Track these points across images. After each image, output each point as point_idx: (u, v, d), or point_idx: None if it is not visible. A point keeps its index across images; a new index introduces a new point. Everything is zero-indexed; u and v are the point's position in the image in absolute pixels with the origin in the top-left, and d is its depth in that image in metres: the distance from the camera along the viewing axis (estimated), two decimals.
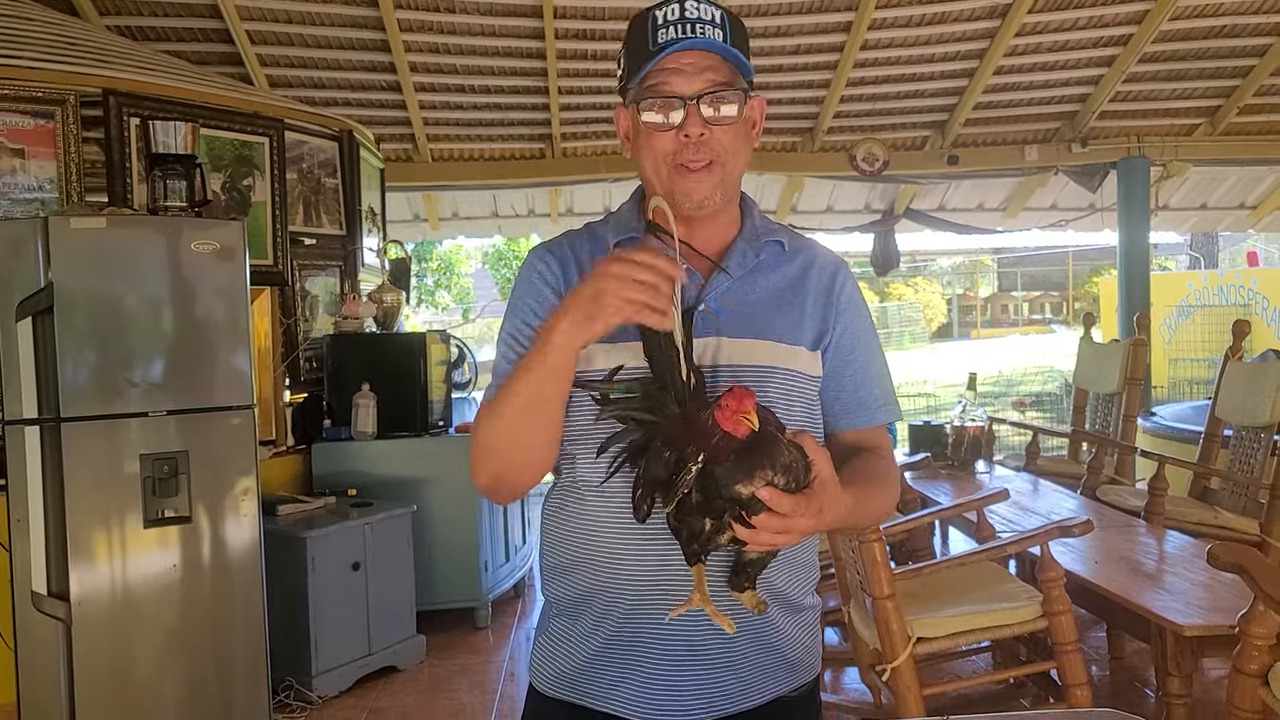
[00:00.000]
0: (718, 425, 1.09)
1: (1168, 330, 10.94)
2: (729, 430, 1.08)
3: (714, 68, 1.28)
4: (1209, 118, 7.23)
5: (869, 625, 2.91)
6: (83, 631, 3.16)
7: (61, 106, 3.98)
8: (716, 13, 1.30)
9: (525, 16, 6.15)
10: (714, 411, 1.09)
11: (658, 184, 1.32)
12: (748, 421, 1.08)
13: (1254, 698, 2.29)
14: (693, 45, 1.27)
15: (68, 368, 3.15)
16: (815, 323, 1.37)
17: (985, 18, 6.37)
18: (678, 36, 1.27)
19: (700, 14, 1.28)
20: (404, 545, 4.28)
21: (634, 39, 1.31)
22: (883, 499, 1.38)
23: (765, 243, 1.39)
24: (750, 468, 1.09)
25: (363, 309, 4.87)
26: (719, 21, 1.29)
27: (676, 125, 1.28)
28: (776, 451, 1.10)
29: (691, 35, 1.27)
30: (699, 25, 1.28)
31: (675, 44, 1.26)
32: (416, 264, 17.90)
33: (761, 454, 1.09)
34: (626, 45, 1.33)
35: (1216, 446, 4.45)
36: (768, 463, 1.09)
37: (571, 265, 1.37)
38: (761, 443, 1.09)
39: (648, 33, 1.29)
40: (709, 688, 1.30)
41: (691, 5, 1.29)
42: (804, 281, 1.38)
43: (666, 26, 1.28)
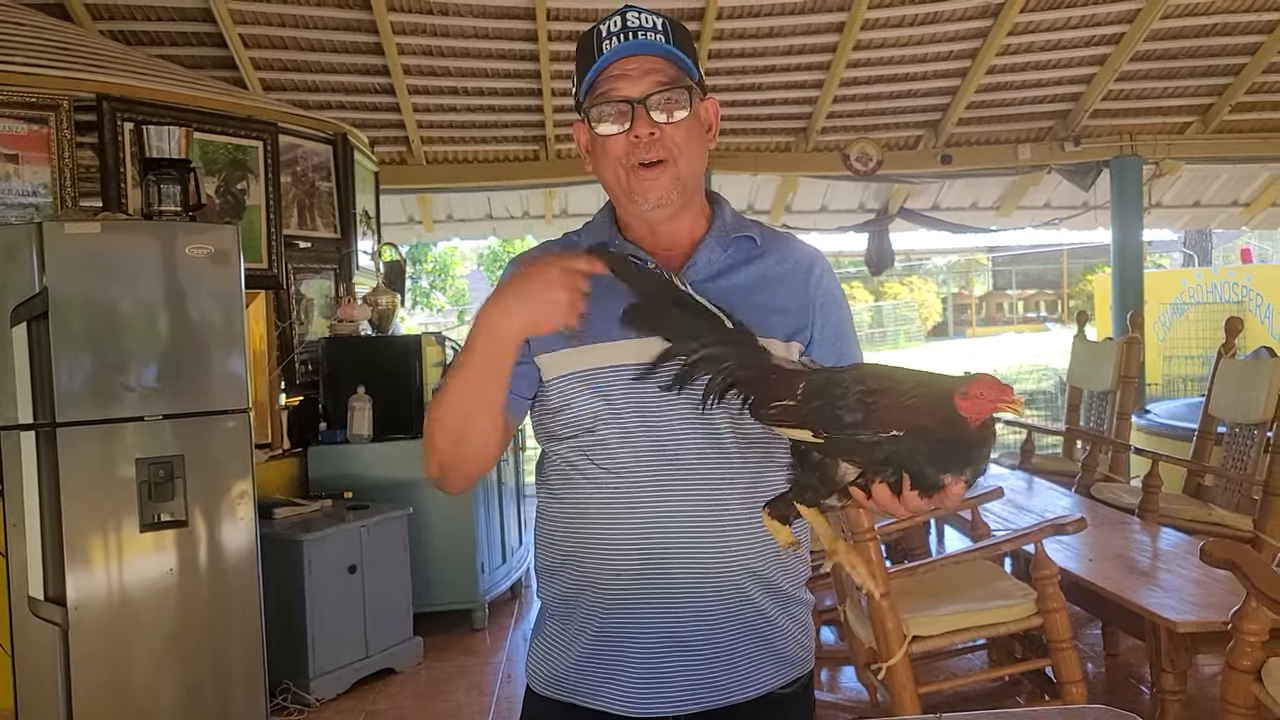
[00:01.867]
0: (955, 406, 1.03)
1: (1162, 328, 10.97)
2: (967, 415, 1.03)
3: (658, 70, 1.31)
4: (1201, 116, 7.26)
5: (864, 624, 2.92)
6: (80, 636, 3.16)
7: (55, 112, 3.98)
8: (658, 20, 1.33)
9: (518, 19, 6.16)
10: (961, 392, 1.04)
11: (618, 190, 1.35)
12: (993, 415, 1.04)
13: (1247, 693, 2.31)
14: (634, 50, 1.30)
15: (63, 373, 3.15)
16: (791, 315, 1.37)
17: (977, 17, 6.40)
18: (621, 45, 1.30)
19: (641, 22, 1.32)
20: (400, 547, 4.28)
21: (582, 54, 1.35)
22: None
23: (735, 239, 1.40)
24: (964, 462, 1.05)
25: (358, 312, 4.88)
26: (660, 28, 1.32)
27: (626, 128, 1.31)
28: (987, 450, 1.07)
29: (633, 40, 1.30)
30: (640, 32, 1.31)
31: (617, 51, 1.30)
32: (411, 266, 17.91)
33: (975, 448, 1.05)
34: (577, 62, 1.37)
35: (1210, 443, 4.46)
36: (978, 457, 1.06)
37: None
38: (983, 436, 1.05)
39: (593, 46, 1.32)
40: (699, 680, 1.31)
41: (632, 16, 1.32)
42: (778, 275, 1.39)
43: (609, 37, 1.31)
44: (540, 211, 8.33)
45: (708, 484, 1.29)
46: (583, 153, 1.40)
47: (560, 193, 8.03)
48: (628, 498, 1.29)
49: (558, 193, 8.03)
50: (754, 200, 8.25)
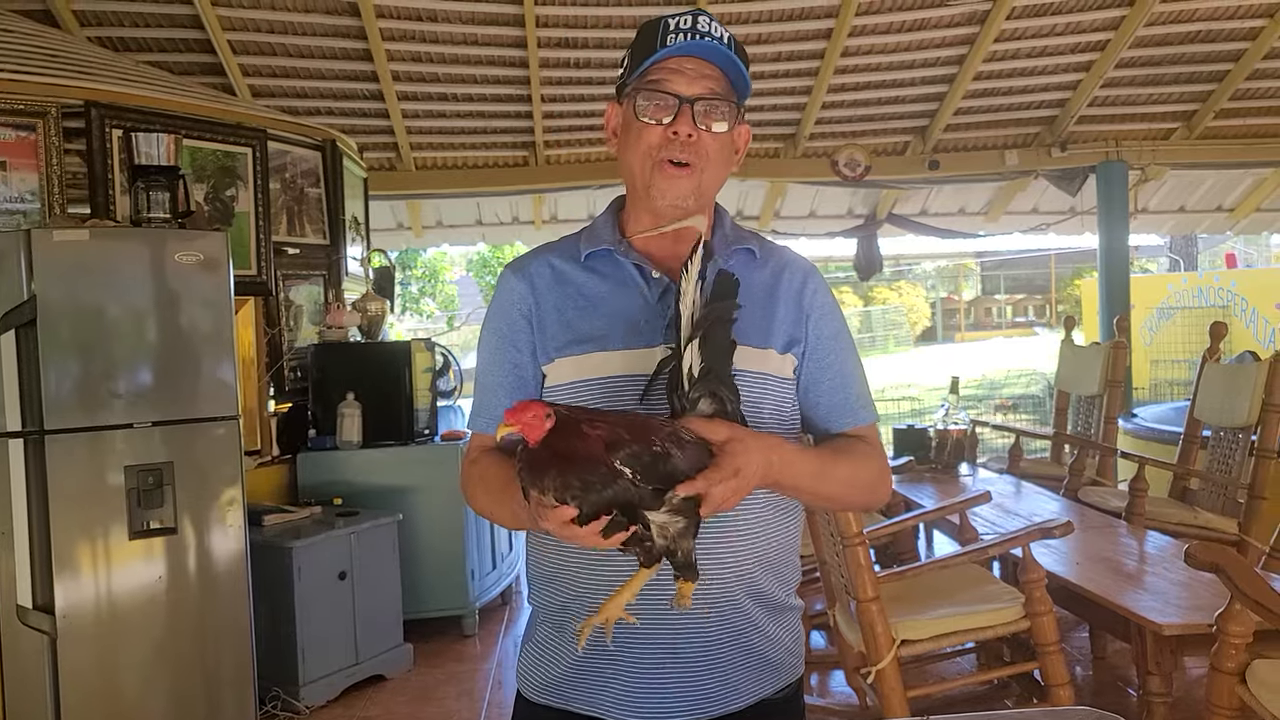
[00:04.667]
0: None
1: (1148, 332, 11.03)
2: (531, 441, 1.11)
3: (714, 78, 1.33)
4: (1186, 122, 7.31)
5: (854, 628, 2.93)
6: (68, 644, 3.15)
7: (43, 118, 3.97)
8: (725, 34, 1.34)
9: (507, 25, 6.17)
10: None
11: (638, 179, 1.36)
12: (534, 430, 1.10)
13: (1232, 695, 2.33)
14: (700, 50, 1.31)
15: (51, 380, 3.14)
16: (786, 327, 1.39)
17: (964, 24, 6.43)
18: (687, 43, 1.31)
19: (711, 30, 1.33)
20: (390, 554, 4.28)
21: (642, 39, 1.35)
22: (860, 469, 1.41)
23: (736, 250, 1.42)
24: (566, 485, 1.09)
25: (347, 318, 4.87)
26: (727, 41, 1.34)
27: (668, 122, 1.32)
28: (575, 455, 1.10)
29: (699, 41, 1.31)
30: (708, 37, 1.32)
31: (684, 46, 1.31)
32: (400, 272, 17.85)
33: (568, 467, 1.10)
34: (634, 45, 1.37)
35: (1196, 447, 4.50)
36: (579, 471, 1.09)
37: (542, 283, 1.41)
38: (567, 451, 1.10)
39: (657, 34, 1.33)
40: (692, 690, 1.32)
41: (704, 20, 1.33)
42: (775, 287, 1.41)
43: (677, 32, 1.32)
44: (529, 217, 8.33)
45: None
46: (609, 133, 1.42)
47: (549, 198, 8.03)
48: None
49: (547, 198, 8.04)
50: (743, 206, 8.27)
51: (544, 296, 1.39)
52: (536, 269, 1.42)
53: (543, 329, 1.37)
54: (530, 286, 1.40)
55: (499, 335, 1.41)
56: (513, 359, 1.39)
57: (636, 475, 1.09)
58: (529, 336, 1.38)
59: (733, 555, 1.32)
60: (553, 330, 1.36)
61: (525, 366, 1.39)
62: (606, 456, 1.08)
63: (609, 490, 1.09)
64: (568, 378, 1.34)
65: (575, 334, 1.36)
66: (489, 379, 1.41)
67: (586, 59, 6.46)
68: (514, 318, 1.39)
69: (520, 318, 1.39)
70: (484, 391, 1.42)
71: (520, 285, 1.41)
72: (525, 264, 1.44)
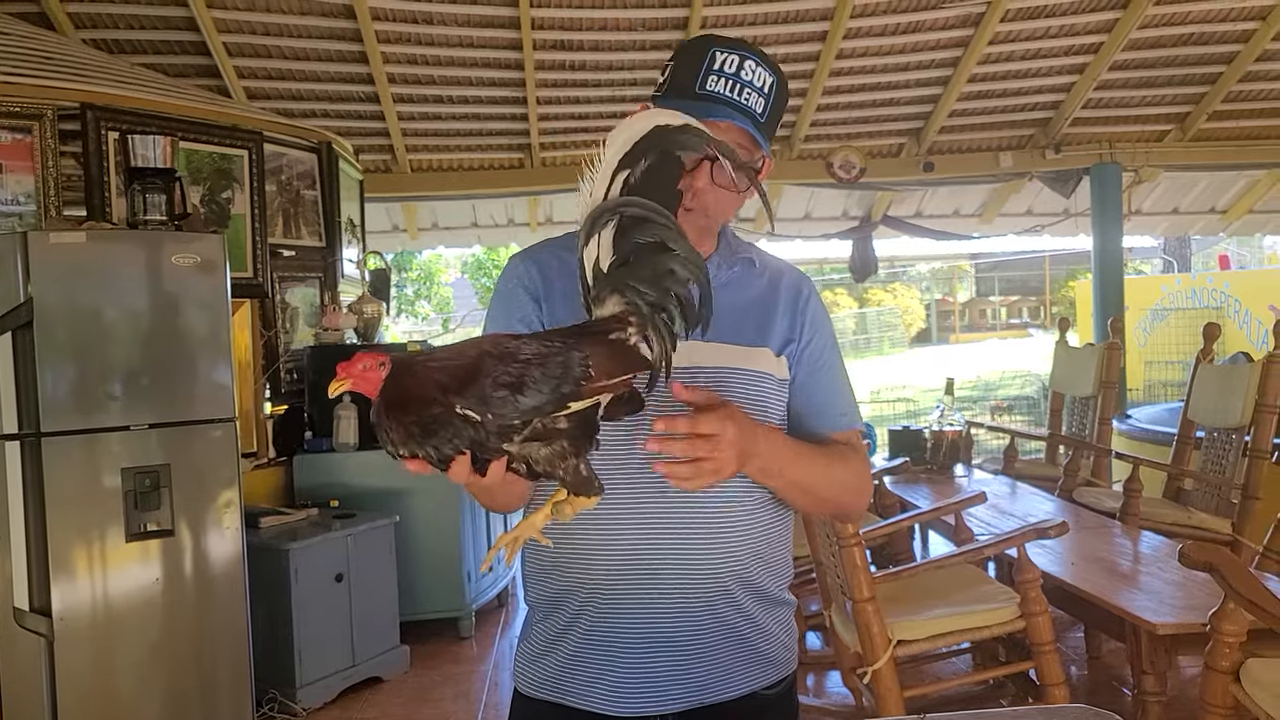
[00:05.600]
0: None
1: (1142, 333, 11.06)
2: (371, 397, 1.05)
3: (742, 139, 1.32)
4: (1179, 124, 7.34)
5: (850, 628, 2.94)
6: (65, 647, 3.15)
7: (39, 121, 3.97)
8: (770, 80, 1.34)
9: (503, 28, 6.18)
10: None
11: None
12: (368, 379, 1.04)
13: (1226, 694, 2.34)
14: (729, 119, 1.30)
15: (48, 382, 3.14)
16: (783, 330, 1.42)
17: (959, 27, 6.45)
18: (723, 94, 1.30)
19: (754, 79, 1.32)
20: (387, 556, 4.28)
21: (686, 64, 1.34)
22: (843, 471, 1.41)
23: (739, 258, 1.45)
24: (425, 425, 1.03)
25: (343, 320, 4.87)
26: (767, 91, 1.34)
27: (686, 170, 1.31)
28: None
29: (735, 99, 1.30)
30: (747, 90, 1.32)
31: (720, 97, 1.30)
32: (396, 274, 17.88)
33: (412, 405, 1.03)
34: (678, 61, 1.36)
35: (1189, 448, 4.51)
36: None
37: (551, 271, 1.41)
38: (402, 398, 1.03)
39: (700, 70, 1.32)
40: (685, 680, 1.34)
41: (750, 66, 1.32)
42: (773, 295, 1.44)
43: (719, 76, 1.31)
44: (525, 219, 8.34)
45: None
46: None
47: (545, 200, 8.04)
48: (617, 501, 1.31)
49: (542, 200, 8.05)
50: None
51: (553, 283, 1.39)
52: (545, 257, 1.43)
53: (551, 314, 1.38)
54: (539, 270, 1.41)
55: (509, 317, 1.39)
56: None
57: (479, 415, 1.01)
58: (538, 315, 1.38)
59: (726, 545, 1.34)
60: (560, 316, 1.37)
61: None
62: (444, 398, 1.01)
63: (449, 431, 1.01)
64: None
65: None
66: None
67: (582, 61, 6.47)
68: (522, 299, 1.39)
69: (529, 299, 1.39)
70: None
71: (530, 268, 1.41)
72: (534, 252, 1.45)
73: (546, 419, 1.05)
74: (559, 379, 1.05)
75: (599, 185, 1.12)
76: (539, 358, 1.05)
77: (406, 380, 1.03)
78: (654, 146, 1.12)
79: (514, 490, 1.29)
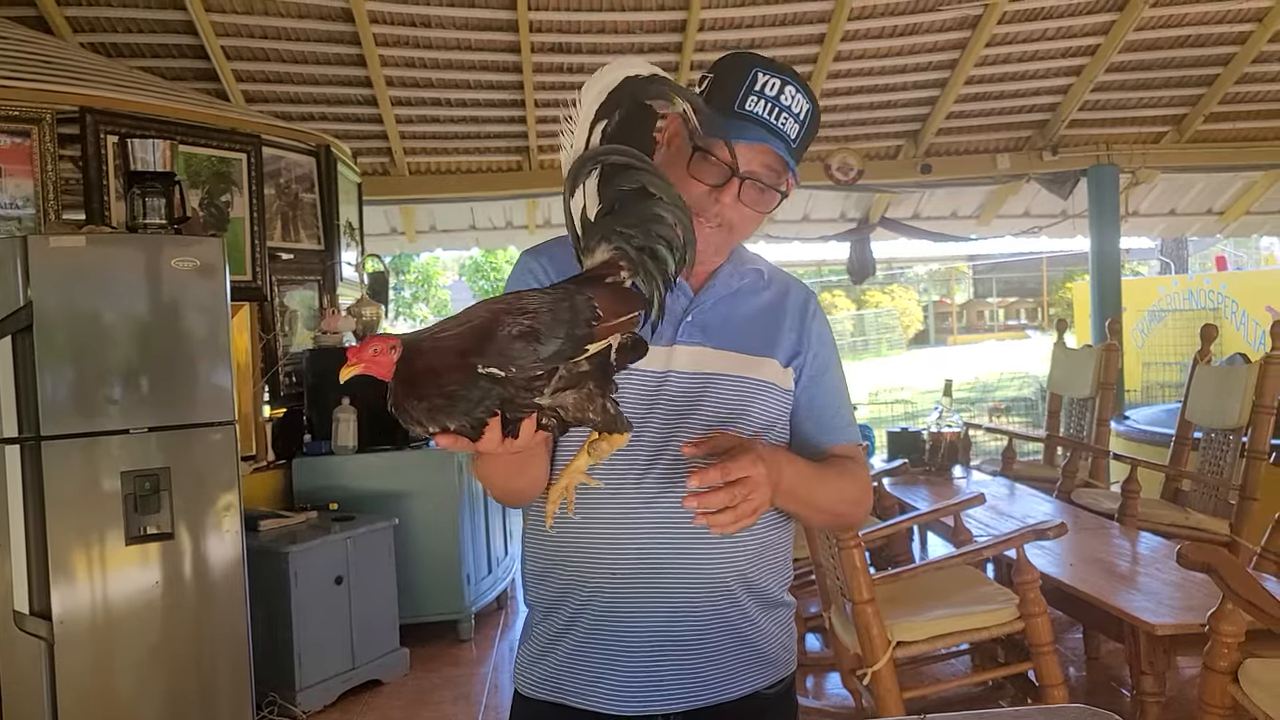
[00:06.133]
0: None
1: (1140, 334, 11.08)
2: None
3: (774, 159, 1.34)
4: (1176, 125, 7.36)
5: (849, 630, 2.94)
6: (65, 650, 3.15)
7: (38, 124, 3.97)
8: (806, 107, 1.35)
9: (501, 31, 6.18)
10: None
11: None
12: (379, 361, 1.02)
13: (1224, 694, 2.35)
14: (765, 142, 1.32)
15: (47, 386, 3.14)
16: (790, 342, 1.44)
17: (956, 29, 6.47)
18: (761, 116, 1.32)
19: (792, 104, 1.34)
20: (386, 559, 4.28)
21: (728, 80, 1.35)
22: (847, 485, 1.42)
23: (748, 269, 1.47)
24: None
25: (342, 323, 4.88)
26: (803, 118, 1.35)
27: (715, 184, 1.34)
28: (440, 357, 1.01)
29: (772, 122, 1.32)
30: (784, 115, 1.33)
31: (749, 133, 1.31)
32: (394, 276, 17.87)
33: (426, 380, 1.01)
34: (718, 75, 1.37)
35: (1187, 449, 4.52)
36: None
37: (566, 267, 1.41)
38: (421, 373, 1.01)
39: (741, 88, 1.33)
40: (686, 680, 1.35)
41: (790, 92, 1.33)
42: (781, 306, 1.47)
43: (759, 98, 1.32)
44: (523, 222, 8.35)
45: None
46: (664, 140, 1.40)
47: (543, 203, 8.05)
48: (619, 503, 1.32)
49: (540, 203, 8.05)
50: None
51: (564, 278, 1.40)
52: (557, 254, 1.44)
53: None
54: (554, 263, 1.42)
55: None
56: None
57: (503, 370, 1.00)
58: None
59: (728, 546, 1.35)
60: None
61: None
62: (463, 362, 0.99)
63: (478, 394, 0.99)
64: None
65: None
66: None
67: (580, 64, 6.48)
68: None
69: None
70: None
71: (543, 263, 1.42)
72: (545, 248, 1.47)
73: (568, 364, 1.04)
74: (570, 322, 1.04)
75: (579, 136, 1.14)
76: (548, 305, 1.05)
77: (421, 358, 1.01)
78: (626, 97, 1.14)
79: (531, 473, 1.28)
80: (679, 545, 1.32)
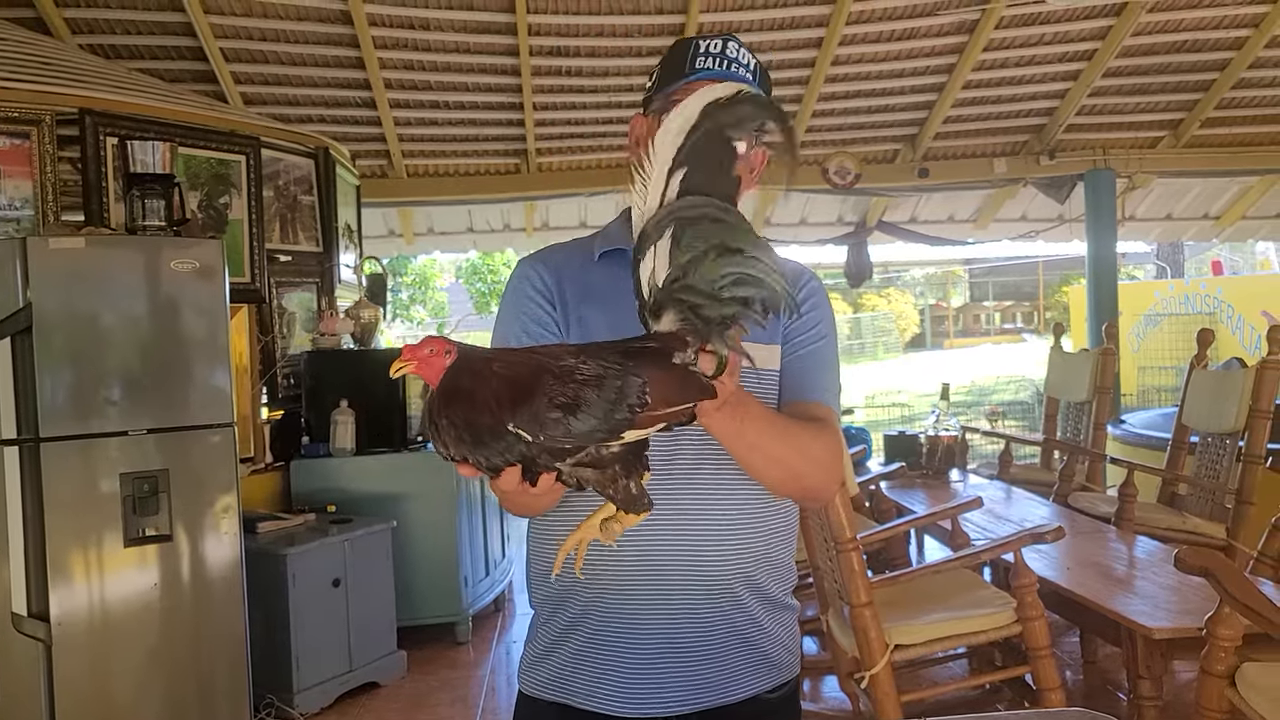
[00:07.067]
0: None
1: (1136, 339, 11.10)
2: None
3: None
4: (1172, 130, 7.38)
5: (847, 633, 2.95)
6: (63, 652, 3.15)
7: (37, 126, 3.97)
8: (752, 60, 1.39)
9: (499, 34, 6.19)
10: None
11: None
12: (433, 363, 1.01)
13: (1221, 698, 2.35)
14: (725, 79, 1.34)
15: (46, 387, 3.14)
16: (785, 321, 1.42)
17: (954, 33, 6.48)
18: (715, 69, 1.35)
19: (739, 56, 1.38)
20: (384, 561, 4.28)
21: (673, 58, 1.40)
22: (811, 442, 1.33)
23: None
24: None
25: (340, 325, 4.88)
26: (753, 68, 1.39)
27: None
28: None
29: (726, 71, 1.36)
30: (735, 65, 1.37)
31: (709, 74, 1.35)
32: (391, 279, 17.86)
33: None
34: (664, 62, 1.42)
35: (1184, 453, 4.52)
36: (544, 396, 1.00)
37: (563, 273, 1.42)
38: (462, 398, 1.00)
39: (687, 56, 1.38)
40: (690, 680, 1.35)
41: (734, 47, 1.38)
42: None
43: (706, 56, 1.37)
44: (521, 225, 8.35)
45: (705, 489, 1.33)
46: (633, 144, 1.43)
47: (541, 206, 8.05)
48: None
49: (538, 206, 8.05)
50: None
51: (564, 286, 1.41)
52: (554, 260, 1.44)
53: (564, 315, 1.39)
54: (551, 271, 1.42)
55: (523, 318, 1.39)
56: (536, 337, 1.38)
57: (531, 436, 0.98)
58: (553, 316, 1.39)
59: (732, 548, 1.35)
60: (571, 320, 1.38)
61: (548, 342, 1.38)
62: (498, 412, 0.98)
63: (501, 445, 0.99)
64: None
65: (589, 328, 1.37)
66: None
67: (578, 67, 6.49)
68: (535, 301, 1.40)
69: (543, 301, 1.40)
70: None
71: (542, 270, 1.42)
72: (544, 255, 1.47)
73: (599, 446, 1.02)
74: (613, 404, 1.00)
75: (652, 193, 1.06)
76: (596, 379, 1.01)
77: (467, 378, 1.00)
78: (706, 131, 1.04)
79: (544, 499, 1.27)
80: (683, 547, 1.33)
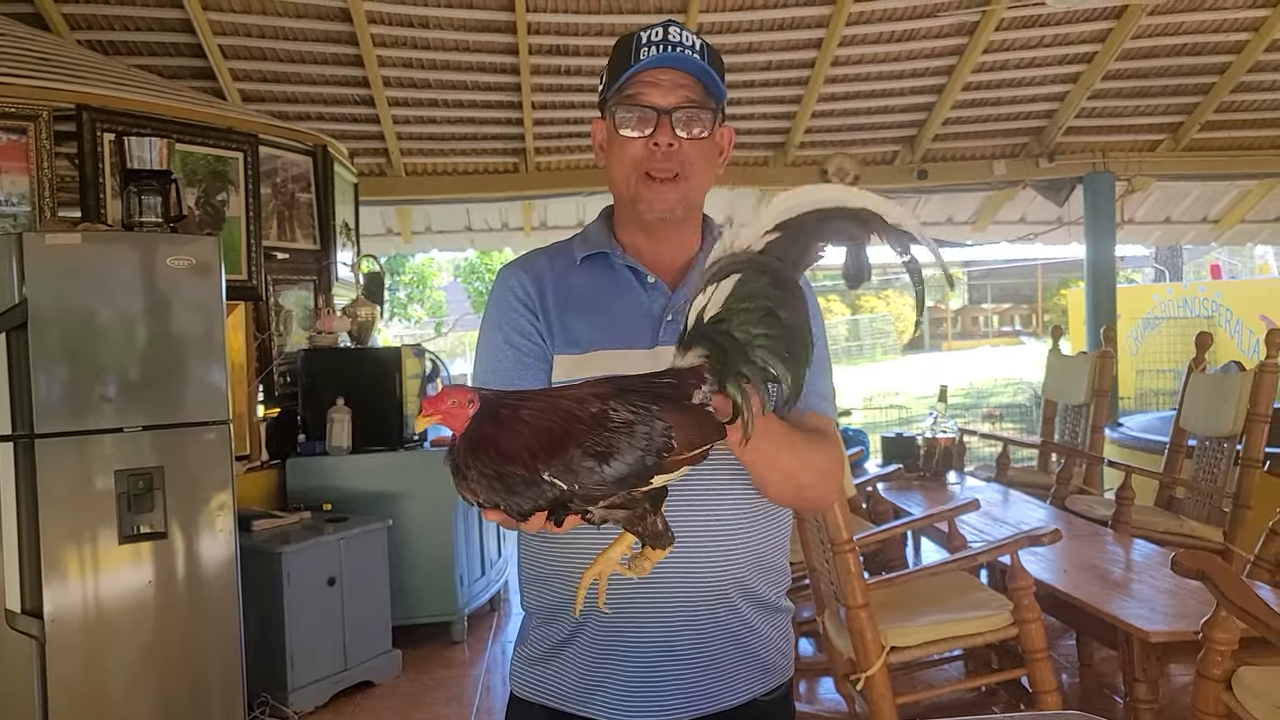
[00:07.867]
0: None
1: (1134, 342, 11.10)
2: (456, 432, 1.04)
3: (689, 86, 1.35)
4: (1171, 134, 7.37)
5: (843, 635, 2.94)
6: (57, 649, 3.14)
7: (34, 121, 3.96)
8: (697, 40, 1.37)
9: (499, 32, 6.18)
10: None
11: (625, 193, 1.39)
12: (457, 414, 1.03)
13: (1218, 702, 2.35)
14: (672, 62, 1.34)
15: (41, 384, 3.13)
16: None
17: (953, 35, 6.48)
18: (659, 55, 1.34)
19: (682, 39, 1.36)
20: (379, 560, 4.27)
21: (618, 54, 1.38)
22: (814, 453, 1.33)
23: None
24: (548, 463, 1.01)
25: (337, 323, 4.87)
26: (699, 49, 1.36)
27: (648, 134, 1.34)
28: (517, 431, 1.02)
29: (671, 53, 1.34)
30: (679, 48, 1.35)
31: (656, 59, 1.33)
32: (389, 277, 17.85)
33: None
34: (610, 60, 1.40)
35: (1181, 456, 4.52)
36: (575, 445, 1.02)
37: (545, 280, 1.42)
38: (490, 446, 1.01)
39: (631, 49, 1.36)
40: (686, 687, 1.34)
41: (674, 30, 1.36)
42: None
43: (650, 45, 1.35)
44: (519, 224, 8.34)
45: (699, 495, 1.32)
46: (597, 149, 1.44)
47: (539, 205, 8.04)
48: None
49: (537, 205, 8.04)
50: (732, 214, 8.19)
51: (546, 293, 1.40)
52: (536, 267, 1.44)
53: (546, 323, 1.38)
54: (533, 279, 1.41)
55: (506, 328, 1.39)
56: (518, 347, 1.38)
57: (566, 485, 1.01)
58: (535, 326, 1.38)
59: (727, 553, 1.35)
60: (555, 327, 1.38)
61: (532, 354, 1.38)
62: (531, 462, 1.00)
63: (533, 493, 1.01)
64: (566, 376, 1.34)
65: (573, 334, 1.37)
66: (495, 377, 1.36)
67: (577, 66, 6.48)
68: (518, 310, 1.40)
69: (525, 310, 1.39)
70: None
71: (524, 278, 1.42)
72: (525, 262, 1.46)
73: (631, 490, 1.05)
74: (644, 451, 1.03)
75: (743, 237, 1.14)
76: (627, 426, 1.04)
77: (492, 427, 1.02)
78: (821, 226, 1.16)
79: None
80: (678, 554, 1.31)
